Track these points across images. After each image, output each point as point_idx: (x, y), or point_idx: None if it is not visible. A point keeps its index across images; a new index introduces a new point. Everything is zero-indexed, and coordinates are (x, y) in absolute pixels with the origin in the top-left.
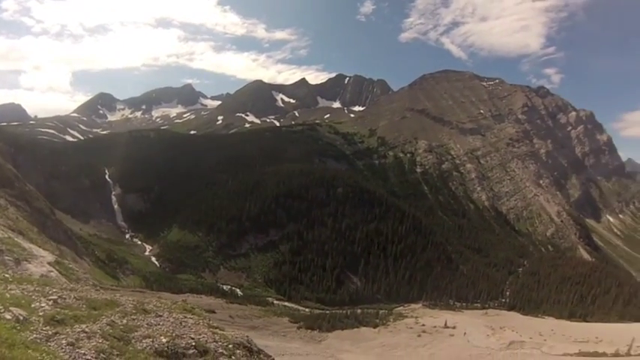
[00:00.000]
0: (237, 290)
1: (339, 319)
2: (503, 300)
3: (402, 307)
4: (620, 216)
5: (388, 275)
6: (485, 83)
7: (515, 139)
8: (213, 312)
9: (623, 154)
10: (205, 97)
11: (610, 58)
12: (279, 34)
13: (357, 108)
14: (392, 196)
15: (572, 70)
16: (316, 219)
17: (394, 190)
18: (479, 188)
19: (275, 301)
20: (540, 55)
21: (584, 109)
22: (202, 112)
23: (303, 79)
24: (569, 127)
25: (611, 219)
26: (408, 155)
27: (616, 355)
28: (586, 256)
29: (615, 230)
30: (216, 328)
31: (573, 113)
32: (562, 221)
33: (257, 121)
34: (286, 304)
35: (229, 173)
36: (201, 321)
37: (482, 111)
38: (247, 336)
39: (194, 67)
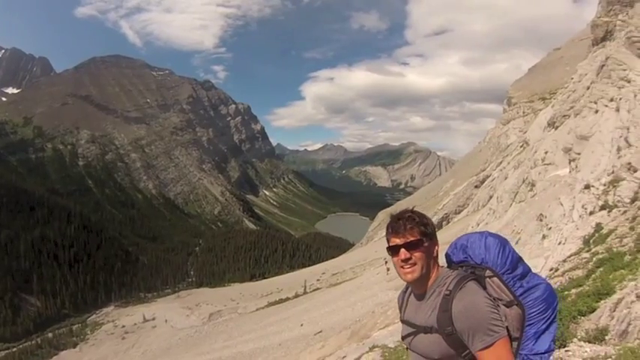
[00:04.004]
0: None
1: (32, 352)
2: (190, 280)
3: (95, 315)
4: (274, 189)
5: (68, 285)
6: (155, 73)
7: (180, 127)
8: None
9: (274, 140)
10: None
11: (270, 64)
12: None
13: (10, 90)
14: (54, 194)
15: (237, 69)
16: None
17: (56, 187)
18: (145, 177)
19: None
20: (212, 52)
21: (243, 102)
22: None
23: None
24: (229, 118)
25: (267, 193)
26: (69, 147)
27: (296, 296)
28: (252, 226)
29: (272, 201)
30: None
31: (233, 106)
32: (226, 200)
33: None
34: None
35: None
36: None
37: (148, 100)
38: None
39: None
